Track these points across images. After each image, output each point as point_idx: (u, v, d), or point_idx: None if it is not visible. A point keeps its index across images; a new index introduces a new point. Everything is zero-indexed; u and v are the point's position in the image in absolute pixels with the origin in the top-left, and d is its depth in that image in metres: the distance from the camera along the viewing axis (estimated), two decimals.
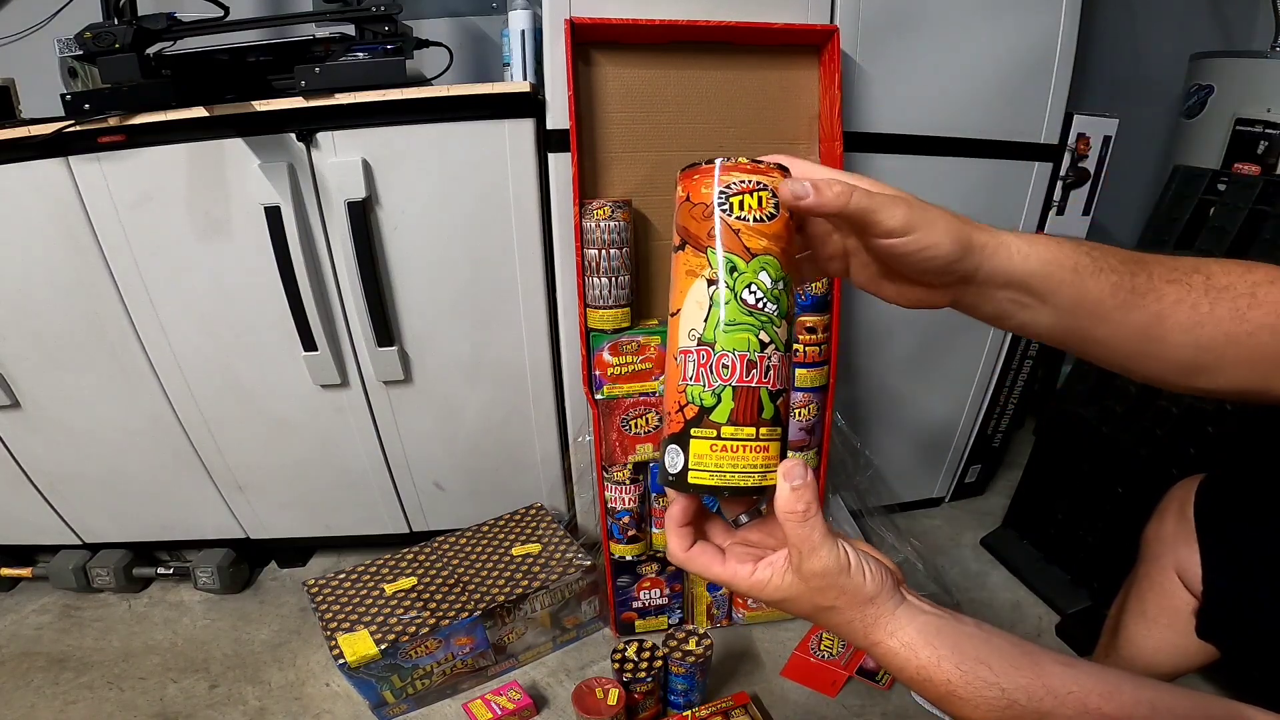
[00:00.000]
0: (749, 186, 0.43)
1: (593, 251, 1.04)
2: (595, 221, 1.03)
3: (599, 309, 1.07)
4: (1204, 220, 1.18)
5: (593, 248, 1.03)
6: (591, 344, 1.09)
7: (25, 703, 1.20)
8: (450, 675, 1.15)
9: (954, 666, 0.42)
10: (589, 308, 1.07)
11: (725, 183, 0.43)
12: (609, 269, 1.04)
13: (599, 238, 1.03)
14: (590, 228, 1.03)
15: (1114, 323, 0.46)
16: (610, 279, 1.05)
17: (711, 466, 0.43)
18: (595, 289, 1.06)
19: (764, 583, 0.45)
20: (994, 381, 1.51)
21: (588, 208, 1.03)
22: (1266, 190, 1.09)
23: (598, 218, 1.03)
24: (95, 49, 0.96)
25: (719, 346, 0.42)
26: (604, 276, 1.05)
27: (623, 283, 1.06)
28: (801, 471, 0.43)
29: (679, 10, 1.03)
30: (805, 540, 0.43)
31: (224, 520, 1.42)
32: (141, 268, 1.13)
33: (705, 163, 0.44)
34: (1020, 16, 1.17)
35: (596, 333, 1.08)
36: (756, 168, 0.43)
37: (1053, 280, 0.45)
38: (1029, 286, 0.46)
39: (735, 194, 0.42)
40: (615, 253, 1.03)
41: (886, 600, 0.44)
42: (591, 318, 1.08)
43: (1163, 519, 0.82)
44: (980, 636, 0.44)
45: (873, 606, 0.44)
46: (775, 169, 0.44)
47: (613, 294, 1.06)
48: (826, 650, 1.24)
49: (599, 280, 1.05)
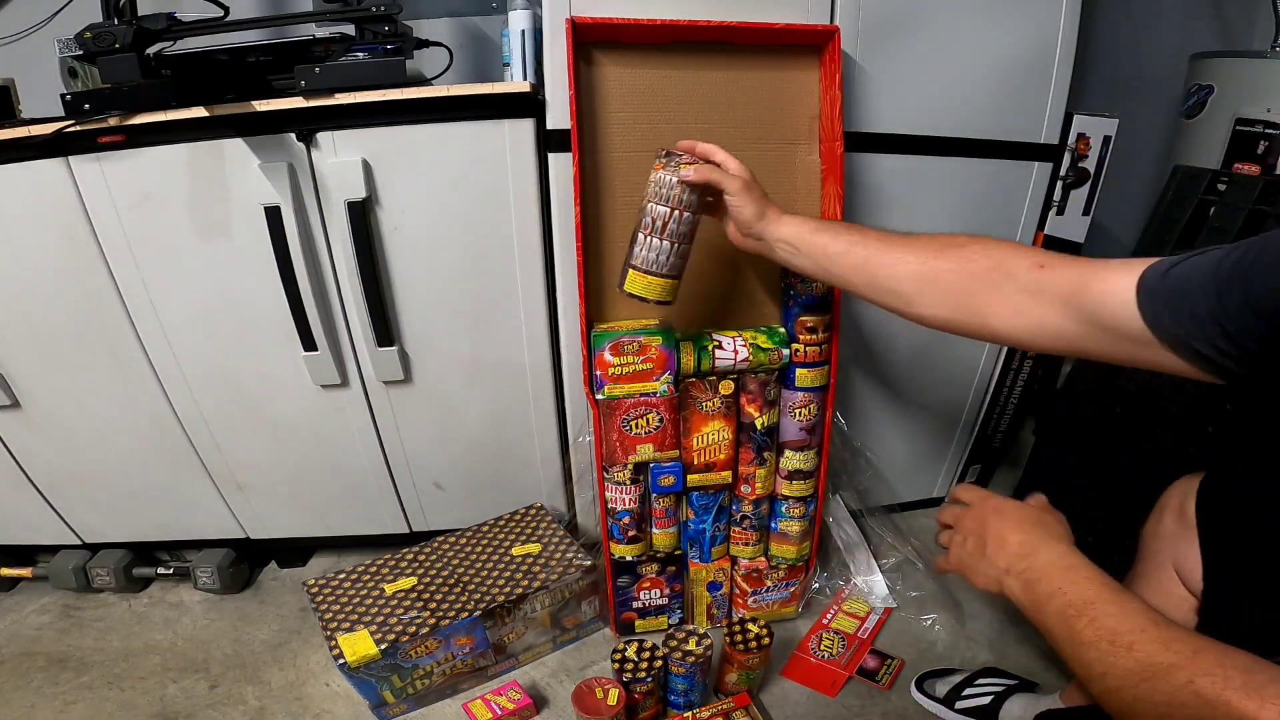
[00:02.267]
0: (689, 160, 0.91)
1: (661, 208, 0.91)
2: (674, 171, 0.91)
3: (647, 274, 0.94)
4: (1204, 220, 1.18)
5: (663, 203, 0.91)
6: (592, 344, 1.09)
7: (25, 703, 1.20)
8: (450, 675, 1.15)
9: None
10: (633, 268, 0.95)
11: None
12: (675, 232, 0.92)
13: (675, 195, 0.91)
14: (667, 181, 0.91)
15: (840, 264, 0.81)
16: (673, 244, 0.93)
17: None
18: (650, 250, 0.93)
19: (1041, 511, 0.76)
20: (994, 381, 1.51)
21: (672, 158, 0.91)
22: (1266, 190, 1.10)
23: (681, 170, 0.90)
24: (95, 49, 0.96)
25: None
26: (667, 239, 0.92)
27: (683, 252, 0.94)
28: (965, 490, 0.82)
29: (680, 10, 1.03)
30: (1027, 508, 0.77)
31: (224, 520, 1.42)
32: (141, 268, 1.13)
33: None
34: (1020, 16, 1.17)
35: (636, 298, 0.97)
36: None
37: (798, 238, 0.84)
38: (789, 241, 0.85)
39: None
40: (689, 216, 0.92)
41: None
42: (633, 282, 0.95)
43: (1162, 517, 0.82)
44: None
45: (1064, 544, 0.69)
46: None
47: (670, 261, 0.93)
48: (826, 650, 1.24)
49: (658, 241, 0.92)
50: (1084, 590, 0.61)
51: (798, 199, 1.16)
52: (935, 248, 0.73)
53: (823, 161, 1.14)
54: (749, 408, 1.12)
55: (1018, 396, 1.56)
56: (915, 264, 0.73)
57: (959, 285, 0.70)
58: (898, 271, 0.75)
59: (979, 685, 1.10)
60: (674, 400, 1.10)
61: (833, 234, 0.81)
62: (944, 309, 0.72)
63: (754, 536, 1.23)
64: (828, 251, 0.81)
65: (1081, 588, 0.61)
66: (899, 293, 0.75)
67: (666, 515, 1.18)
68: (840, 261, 0.80)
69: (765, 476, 1.17)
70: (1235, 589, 0.73)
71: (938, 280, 0.72)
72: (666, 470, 1.14)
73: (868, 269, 0.77)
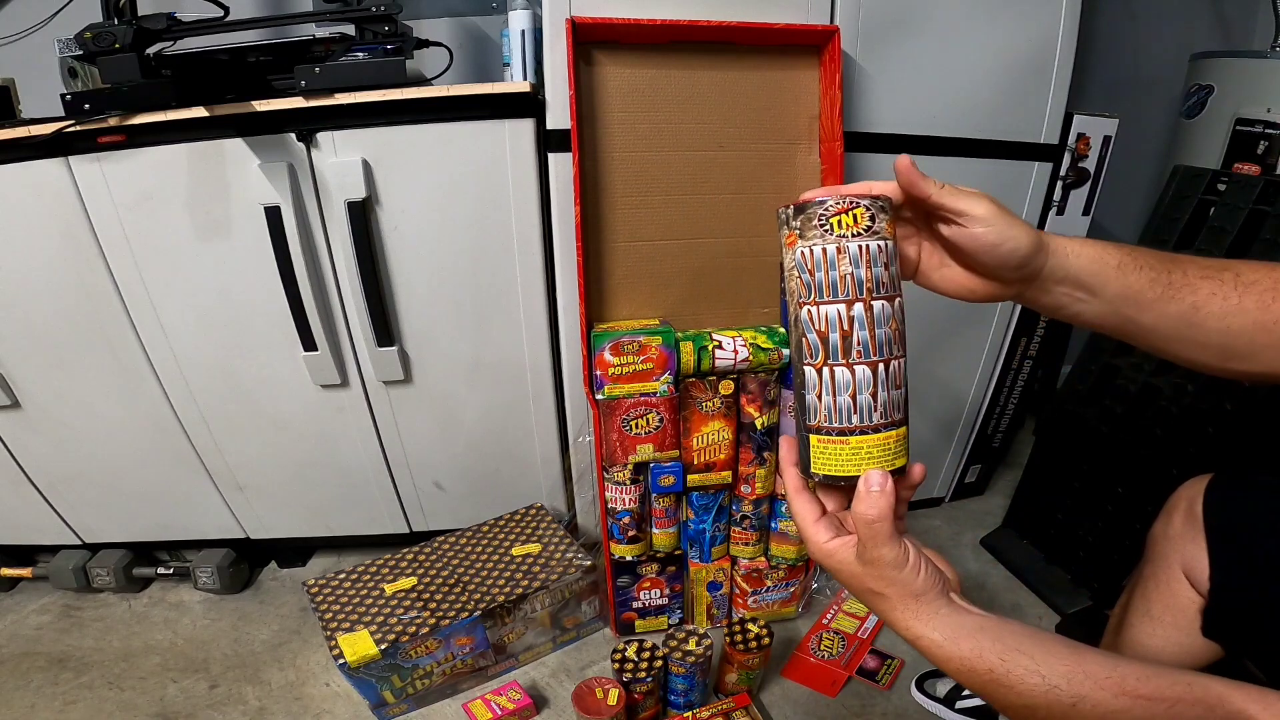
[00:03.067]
0: (845, 206, 0.48)
1: (831, 309, 0.48)
2: (833, 239, 0.47)
3: (848, 434, 0.49)
4: (1204, 220, 1.18)
5: (831, 298, 0.48)
6: (592, 344, 1.09)
7: (25, 703, 1.20)
8: (450, 675, 1.15)
9: (996, 657, 0.46)
10: (817, 434, 0.51)
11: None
12: (872, 341, 0.48)
13: (848, 273, 0.47)
14: (820, 255, 0.48)
15: (1155, 312, 0.54)
16: (878, 363, 0.48)
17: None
18: (838, 391, 0.49)
19: (830, 553, 0.51)
20: (994, 381, 1.51)
21: (810, 213, 0.48)
22: (1266, 190, 1.09)
23: (838, 231, 0.47)
24: (95, 49, 0.95)
25: None
26: (862, 361, 0.48)
27: (898, 370, 0.50)
28: (880, 481, 0.48)
29: (679, 10, 1.03)
30: (871, 538, 0.48)
31: (224, 520, 1.42)
32: (141, 268, 1.13)
33: None
34: (1020, 16, 1.17)
35: (839, 482, 0.52)
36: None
37: (1100, 276, 0.53)
38: (1081, 281, 0.53)
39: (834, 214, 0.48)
40: (882, 307, 0.48)
41: (934, 600, 0.49)
42: (828, 455, 0.50)
43: (1170, 518, 0.82)
44: (1023, 633, 0.48)
45: (917, 602, 0.49)
46: None
47: (884, 396, 0.49)
48: (826, 650, 1.24)
49: (844, 373, 0.48)
50: (962, 659, 0.48)
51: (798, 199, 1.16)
52: (1271, 285, 0.53)
53: (823, 161, 1.14)
54: (749, 408, 1.12)
55: (1018, 396, 1.56)
56: (1255, 312, 0.53)
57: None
58: (1233, 324, 0.53)
59: None
60: (674, 400, 1.10)
61: (1147, 270, 0.53)
62: (1276, 363, 0.54)
63: (754, 536, 1.23)
64: (1143, 297, 0.53)
65: (956, 660, 0.48)
66: (1228, 348, 0.54)
67: (666, 515, 1.18)
68: (1156, 310, 0.54)
69: (765, 476, 1.17)
70: (1243, 590, 0.73)
71: (1277, 328, 0.53)
72: (666, 470, 1.14)
73: (1195, 319, 0.54)
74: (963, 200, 0.51)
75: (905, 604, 0.49)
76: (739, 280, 1.17)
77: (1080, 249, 0.53)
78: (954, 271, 0.56)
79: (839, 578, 0.52)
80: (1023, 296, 0.56)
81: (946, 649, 0.48)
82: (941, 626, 0.48)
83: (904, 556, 0.48)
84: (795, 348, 0.51)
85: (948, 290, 0.57)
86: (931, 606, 0.48)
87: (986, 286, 0.55)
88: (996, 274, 0.53)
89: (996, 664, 0.46)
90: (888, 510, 0.48)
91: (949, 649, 0.47)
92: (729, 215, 1.15)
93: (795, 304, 0.50)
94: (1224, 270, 0.54)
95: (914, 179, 0.50)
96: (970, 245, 0.52)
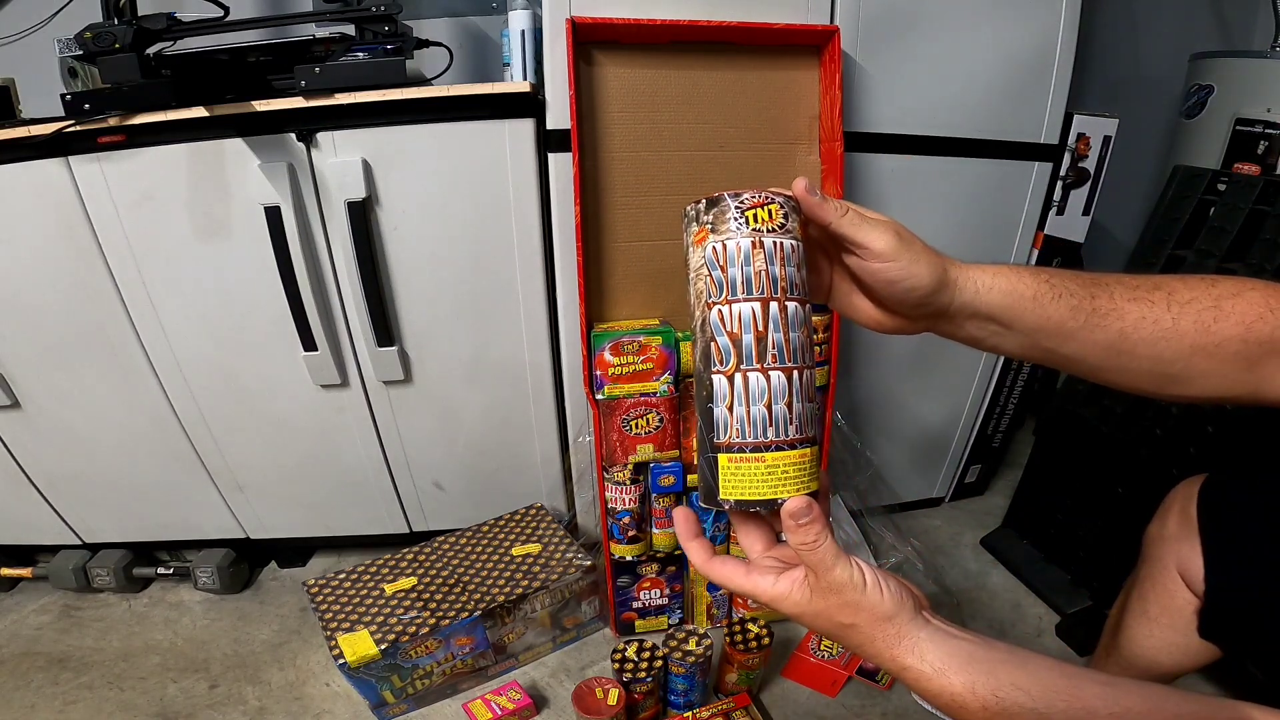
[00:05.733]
0: (760, 200, 0.46)
1: (743, 306, 0.45)
2: (748, 233, 0.45)
3: (757, 451, 0.45)
4: (1204, 220, 1.18)
5: (745, 296, 0.45)
6: (592, 344, 1.09)
7: (25, 703, 1.20)
8: (450, 675, 1.15)
9: (990, 693, 0.42)
10: (726, 452, 0.46)
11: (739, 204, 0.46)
12: (783, 345, 0.45)
13: (761, 271, 0.45)
14: (735, 250, 0.45)
15: (1079, 341, 0.51)
16: (790, 372, 0.45)
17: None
18: (749, 401, 0.45)
19: (784, 595, 0.46)
20: (994, 381, 1.51)
21: (723, 205, 0.46)
22: (1266, 190, 1.09)
23: (753, 225, 0.45)
24: (95, 49, 0.95)
25: None
26: (775, 367, 0.45)
27: (810, 381, 0.46)
28: (805, 509, 0.44)
29: (679, 10, 1.03)
30: (818, 563, 0.44)
31: (224, 520, 1.42)
32: (141, 268, 1.13)
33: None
34: (1020, 16, 1.17)
35: (750, 506, 0.51)
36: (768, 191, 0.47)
37: (1014, 310, 0.50)
38: (994, 316, 0.50)
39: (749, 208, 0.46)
40: (796, 309, 0.46)
41: (907, 621, 0.44)
42: (736, 477, 0.46)
43: (1165, 518, 0.82)
44: (1014, 661, 0.44)
45: (891, 625, 0.44)
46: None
47: (791, 418, 0.45)
48: (826, 650, 1.24)
49: (757, 378, 0.45)
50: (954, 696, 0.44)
51: None
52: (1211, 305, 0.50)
53: (823, 161, 1.14)
54: None
55: (1018, 396, 1.56)
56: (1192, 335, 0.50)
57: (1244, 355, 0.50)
58: (1164, 350, 0.51)
59: None
60: (674, 400, 1.10)
61: (1067, 298, 0.50)
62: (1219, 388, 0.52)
63: None
64: (1064, 327, 0.50)
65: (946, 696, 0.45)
66: (1161, 374, 0.52)
67: (666, 515, 1.18)
68: (1080, 339, 0.51)
69: None
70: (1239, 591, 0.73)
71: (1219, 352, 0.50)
72: (666, 470, 1.14)
73: (1123, 347, 0.51)
74: (863, 231, 0.47)
75: (879, 630, 0.45)
76: None
77: (993, 282, 0.50)
78: (862, 301, 0.53)
79: (803, 620, 0.47)
80: (935, 330, 0.53)
81: (937, 682, 0.43)
82: (929, 655, 0.44)
83: (860, 577, 0.44)
84: (702, 356, 0.47)
85: (858, 320, 0.55)
86: (909, 629, 0.44)
87: (893, 320, 0.53)
88: (898, 309, 0.51)
89: (990, 700, 0.42)
90: (824, 530, 0.44)
91: (939, 682, 0.43)
92: None
93: (703, 306, 0.46)
94: (1155, 290, 0.51)
95: (810, 205, 0.47)
96: (867, 279, 0.50)
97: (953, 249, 0.51)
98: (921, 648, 0.44)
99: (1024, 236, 1.35)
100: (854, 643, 0.46)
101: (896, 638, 0.44)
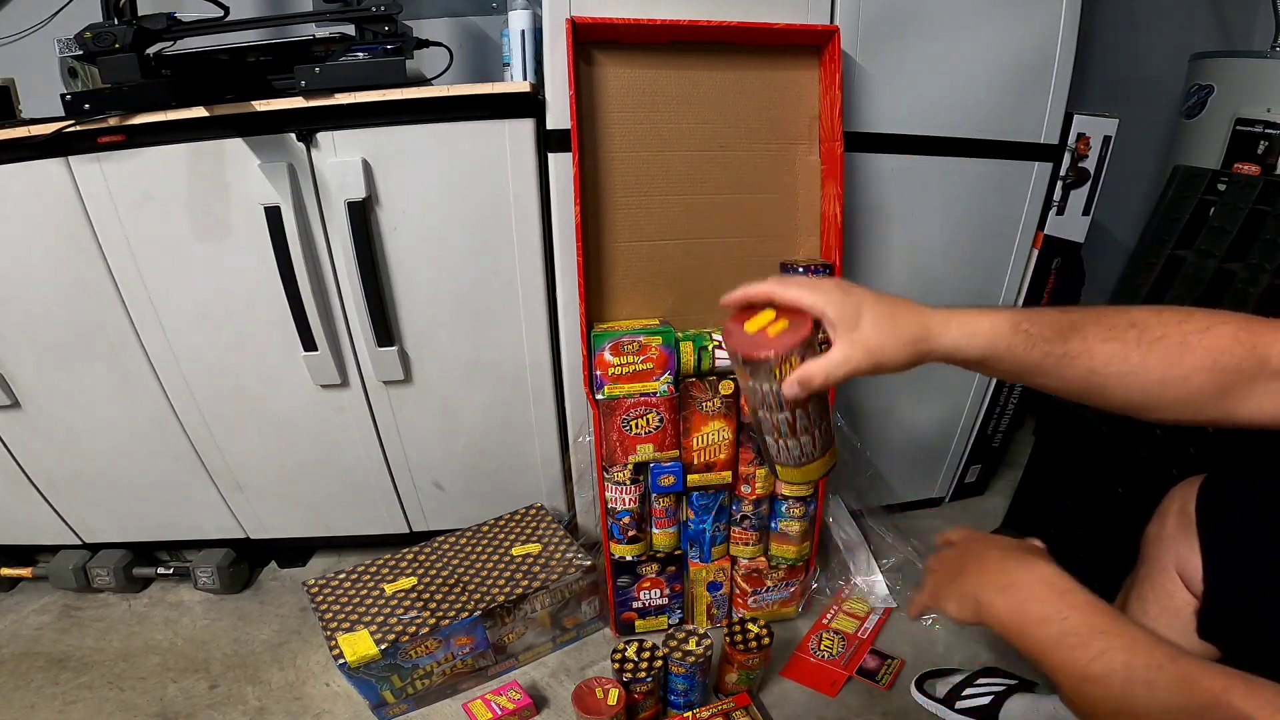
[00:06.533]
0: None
1: (780, 415, 0.65)
2: (776, 384, 0.63)
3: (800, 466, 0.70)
4: (1204, 220, 1.18)
5: (777, 410, 0.65)
6: (592, 344, 1.09)
7: (25, 703, 1.20)
8: (450, 675, 1.15)
9: None
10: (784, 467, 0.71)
11: None
12: (806, 425, 0.66)
13: (781, 400, 0.64)
14: (765, 392, 0.64)
15: (1054, 378, 0.59)
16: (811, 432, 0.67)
17: None
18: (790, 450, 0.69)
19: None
20: (993, 382, 1.51)
21: (756, 365, 0.63)
22: (1266, 190, 1.09)
23: (779, 376, 0.62)
24: (95, 49, 0.96)
25: None
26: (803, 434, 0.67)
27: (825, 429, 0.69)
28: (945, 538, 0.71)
29: (679, 10, 1.03)
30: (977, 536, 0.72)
31: (224, 520, 1.42)
32: (141, 268, 1.13)
33: None
34: (1020, 16, 1.17)
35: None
36: None
37: (992, 359, 0.59)
38: (973, 364, 0.61)
39: None
40: (812, 407, 0.66)
41: None
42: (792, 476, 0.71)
43: (1164, 519, 0.82)
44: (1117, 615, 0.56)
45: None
46: None
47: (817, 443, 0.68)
48: (826, 650, 1.24)
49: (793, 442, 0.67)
50: (1088, 618, 0.55)
51: (798, 199, 1.17)
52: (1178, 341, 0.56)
53: (823, 161, 1.14)
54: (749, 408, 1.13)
55: (1018, 396, 1.56)
56: (1160, 369, 0.56)
57: (1212, 384, 0.55)
58: (1133, 384, 0.57)
59: (979, 685, 1.10)
60: (674, 400, 1.10)
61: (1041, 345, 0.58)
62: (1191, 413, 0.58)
63: (754, 536, 1.23)
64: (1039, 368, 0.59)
65: (1085, 614, 0.55)
66: (1132, 404, 0.59)
67: (666, 515, 1.18)
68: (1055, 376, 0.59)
69: (765, 476, 1.17)
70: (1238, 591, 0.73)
71: (1186, 383, 0.56)
72: (666, 470, 1.14)
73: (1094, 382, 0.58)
74: (839, 370, 0.60)
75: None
76: (739, 280, 1.15)
77: (970, 340, 0.59)
78: None
79: (1024, 551, 0.65)
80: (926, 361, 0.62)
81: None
82: None
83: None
84: (757, 424, 0.69)
85: None
86: None
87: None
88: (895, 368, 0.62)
89: None
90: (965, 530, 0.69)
91: None
92: (729, 215, 1.16)
93: (753, 408, 0.67)
94: (1129, 329, 0.57)
95: (795, 390, 0.61)
96: None
97: (953, 249, 0.52)
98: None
99: (1024, 236, 1.35)
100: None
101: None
